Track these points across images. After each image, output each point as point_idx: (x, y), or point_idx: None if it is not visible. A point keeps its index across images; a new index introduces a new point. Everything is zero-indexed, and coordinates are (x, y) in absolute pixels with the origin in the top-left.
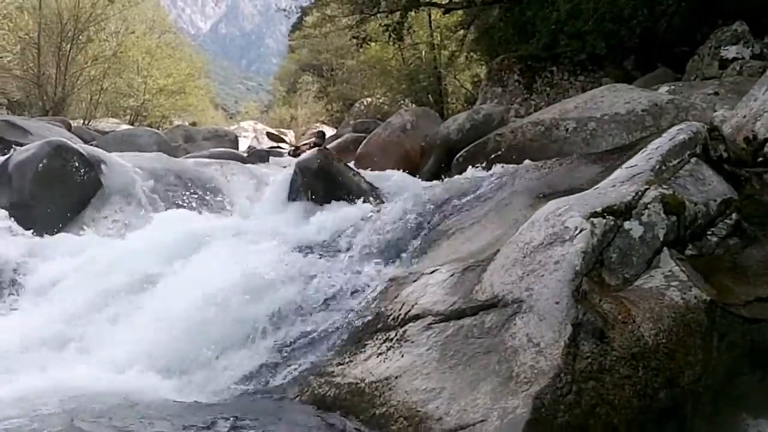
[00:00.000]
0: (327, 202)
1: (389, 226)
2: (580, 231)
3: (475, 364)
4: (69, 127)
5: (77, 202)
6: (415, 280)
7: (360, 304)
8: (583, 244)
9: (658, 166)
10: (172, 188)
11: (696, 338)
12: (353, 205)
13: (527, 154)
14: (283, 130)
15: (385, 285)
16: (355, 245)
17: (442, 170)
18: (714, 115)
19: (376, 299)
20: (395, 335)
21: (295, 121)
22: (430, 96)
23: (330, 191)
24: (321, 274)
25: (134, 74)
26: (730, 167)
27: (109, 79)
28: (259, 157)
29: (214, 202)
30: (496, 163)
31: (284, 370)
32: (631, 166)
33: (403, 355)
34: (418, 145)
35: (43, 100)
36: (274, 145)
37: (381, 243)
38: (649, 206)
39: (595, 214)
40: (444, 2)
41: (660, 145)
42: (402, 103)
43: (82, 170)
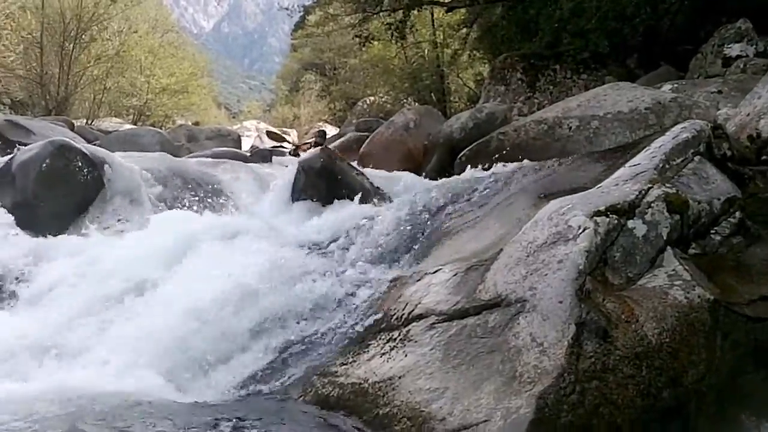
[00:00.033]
0: (330, 202)
1: (392, 226)
2: (584, 230)
3: (479, 364)
4: (72, 127)
5: (80, 202)
6: (419, 280)
7: (363, 303)
8: (586, 243)
9: (661, 165)
10: (175, 188)
11: (699, 337)
12: (356, 205)
13: (530, 153)
14: (285, 129)
15: (389, 285)
16: (358, 245)
17: (445, 169)
18: (717, 113)
19: (379, 299)
20: (398, 335)
21: (298, 120)
22: (432, 95)
23: (333, 191)
24: (324, 274)
25: (137, 73)
26: (734, 165)
27: (112, 79)
28: (262, 156)
29: (216, 202)
30: (499, 162)
31: (287, 371)
32: (635, 165)
33: (406, 355)
34: (421, 143)
35: (46, 100)
36: (277, 145)
37: (384, 242)
38: (652, 205)
39: (599, 213)
40: (447, 0)
41: (663, 144)
42: (405, 101)
43: (85, 170)
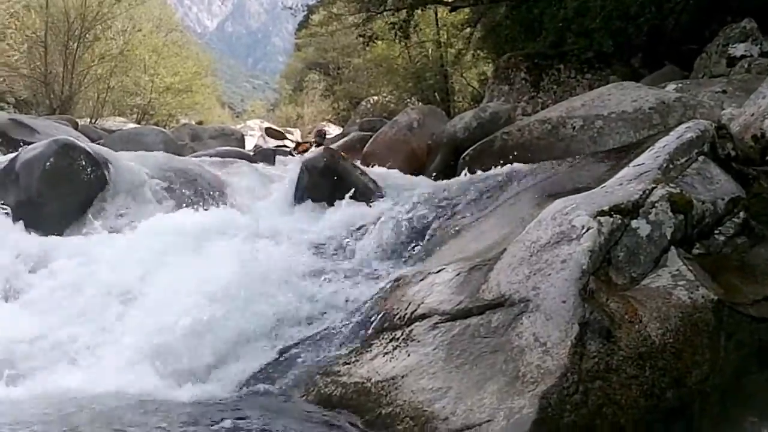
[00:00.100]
0: (333, 201)
1: (395, 226)
2: (587, 230)
3: (482, 364)
4: (76, 126)
5: (84, 201)
6: (422, 279)
7: (366, 303)
8: (590, 242)
9: (665, 165)
10: (179, 187)
11: (703, 338)
12: (360, 204)
13: (534, 153)
14: (289, 129)
15: (392, 284)
16: (362, 244)
17: (448, 169)
18: (722, 113)
19: (382, 298)
20: (401, 334)
21: (302, 119)
22: (436, 94)
23: (336, 190)
24: (327, 273)
25: (141, 73)
26: (738, 166)
27: (116, 78)
28: (266, 156)
29: (220, 201)
30: (502, 162)
31: (290, 370)
32: (639, 165)
33: (409, 355)
34: (425, 143)
35: (50, 99)
36: (281, 144)
37: (387, 242)
38: (656, 205)
39: (602, 213)
40: (450, 0)
41: (667, 144)
42: (408, 101)
43: (89, 169)
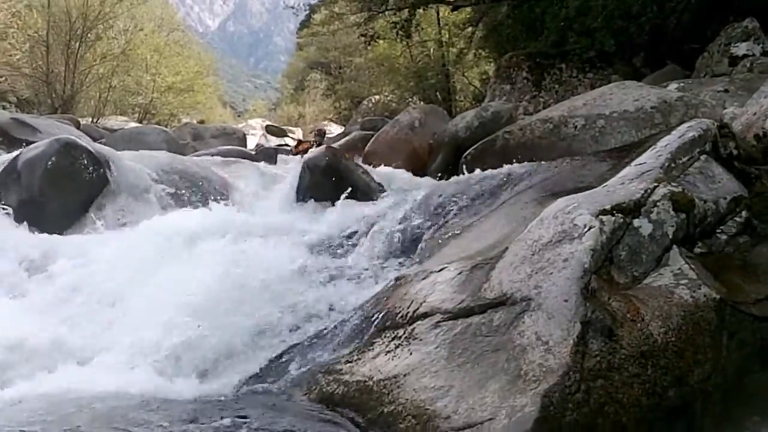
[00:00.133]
0: (335, 200)
1: (397, 225)
2: (589, 229)
3: (484, 362)
4: (78, 125)
5: (86, 199)
6: (424, 278)
7: (368, 302)
8: (592, 241)
9: (667, 164)
10: (181, 186)
11: (705, 337)
12: (361, 203)
13: (536, 152)
14: (291, 128)
15: (394, 283)
16: (364, 243)
17: (450, 168)
18: (724, 112)
19: (384, 297)
20: (403, 333)
21: (303, 118)
22: (438, 93)
23: (338, 189)
24: (329, 272)
25: (143, 72)
26: (740, 165)
27: (118, 77)
28: (267, 155)
29: (221, 200)
30: (504, 161)
31: (292, 368)
32: (640, 164)
33: (411, 353)
34: (427, 142)
35: (51, 98)
36: (282, 143)
37: (389, 241)
38: (658, 204)
39: (604, 212)
40: None
41: (669, 143)
42: (410, 100)
43: (91, 168)
